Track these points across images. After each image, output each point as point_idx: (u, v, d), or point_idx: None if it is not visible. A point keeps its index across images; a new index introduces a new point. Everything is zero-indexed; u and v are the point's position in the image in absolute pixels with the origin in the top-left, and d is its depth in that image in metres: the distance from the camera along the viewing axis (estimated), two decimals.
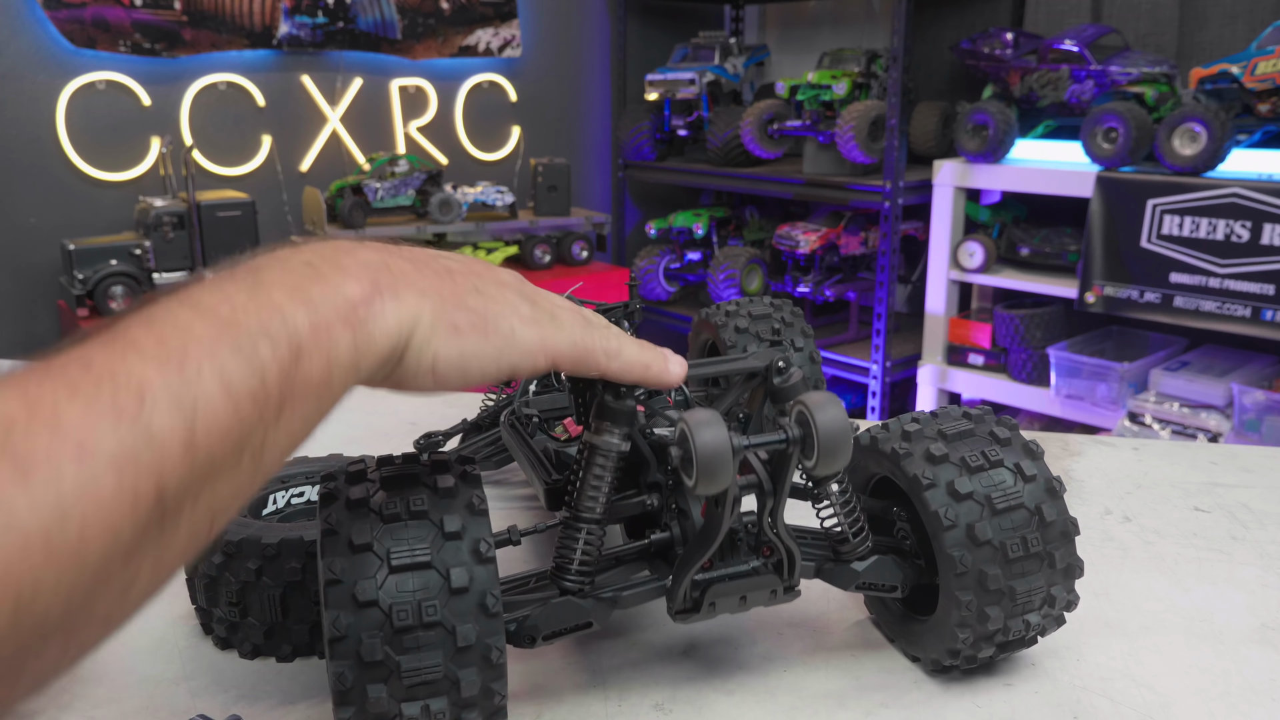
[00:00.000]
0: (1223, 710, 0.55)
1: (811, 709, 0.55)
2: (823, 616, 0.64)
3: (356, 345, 0.37)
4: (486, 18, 3.14)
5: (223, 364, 0.32)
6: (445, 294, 0.41)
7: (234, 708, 0.55)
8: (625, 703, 0.55)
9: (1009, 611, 0.53)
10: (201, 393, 0.31)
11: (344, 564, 0.44)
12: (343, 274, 0.38)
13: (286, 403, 0.34)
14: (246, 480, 0.34)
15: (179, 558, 0.32)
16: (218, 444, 0.32)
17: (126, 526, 0.29)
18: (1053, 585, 0.53)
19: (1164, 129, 2.18)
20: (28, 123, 2.52)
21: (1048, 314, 2.55)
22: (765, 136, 2.91)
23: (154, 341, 0.32)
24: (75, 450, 0.28)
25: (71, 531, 0.27)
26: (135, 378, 0.30)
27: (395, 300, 0.39)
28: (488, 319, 0.42)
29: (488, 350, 0.41)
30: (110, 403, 0.29)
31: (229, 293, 0.35)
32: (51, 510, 0.27)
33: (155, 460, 0.30)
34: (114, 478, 0.28)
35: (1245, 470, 0.90)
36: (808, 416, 0.46)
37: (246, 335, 0.34)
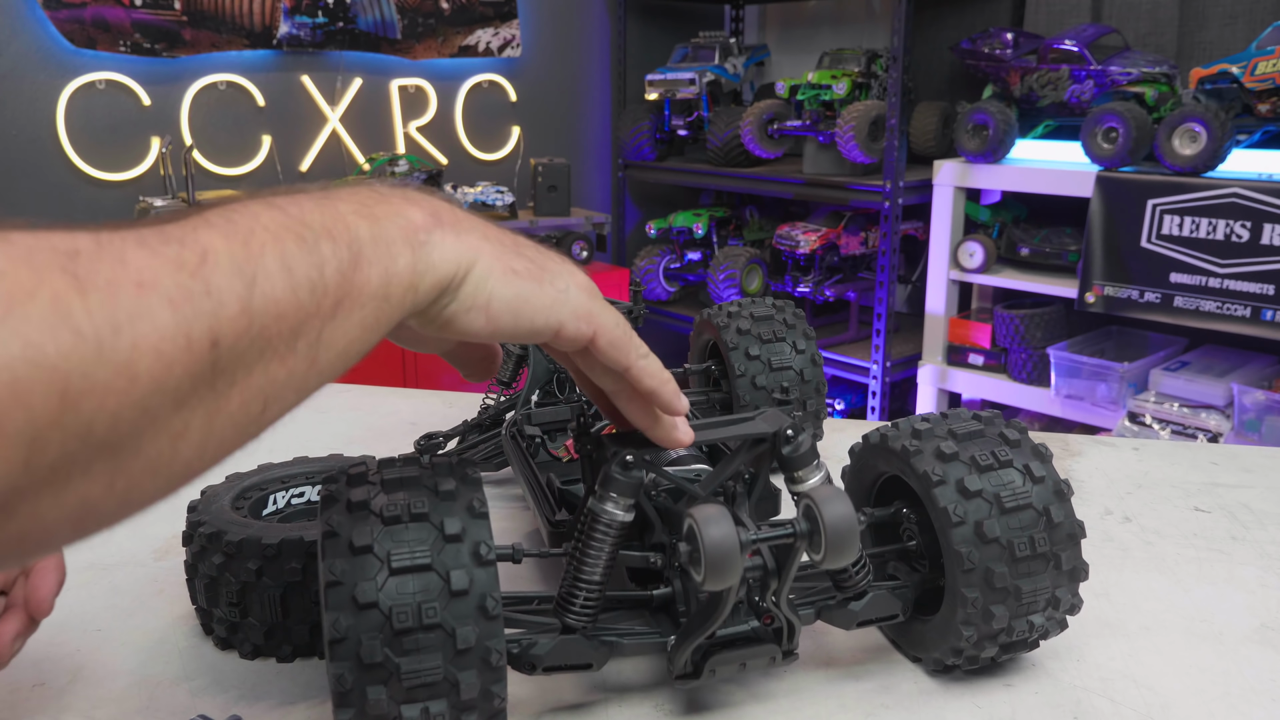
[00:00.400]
0: (1223, 710, 0.55)
1: (812, 709, 0.55)
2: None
3: (415, 265, 0.38)
4: (486, 18, 3.14)
5: (285, 249, 0.34)
6: (505, 242, 0.43)
7: (234, 708, 0.55)
8: (625, 703, 0.55)
9: (1014, 611, 0.53)
10: (262, 268, 0.33)
11: (344, 566, 0.44)
12: (407, 203, 0.40)
13: (344, 302, 0.36)
14: (302, 370, 0.35)
15: (232, 427, 0.33)
16: (274, 319, 0.33)
17: (178, 362, 0.30)
18: (1058, 587, 0.54)
19: (1164, 129, 2.18)
20: (28, 123, 2.52)
21: (1048, 314, 2.55)
22: (765, 136, 2.91)
23: (223, 220, 0.34)
24: (135, 283, 0.29)
25: (123, 347, 0.28)
26: (201, 242, 0.32)
27: (456, 234, 0.40)
28: (545, 270, 0.43)
29: (542, 298, 0.42)
30: (175, 256, 0.31)
31: (299, 199, 0.37)
32: (106, 321, 0.28)
33: (211, 309, 0.31)
34: (169, 311, 0.30)
35: (1245, 470, 0.90)
36: (815, 512, 0.46)
37: (310, 230, 0.35)
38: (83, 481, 0.29)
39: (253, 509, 0.66)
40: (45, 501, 0.28)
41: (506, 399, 0.84)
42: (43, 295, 0.27)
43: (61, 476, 0.28)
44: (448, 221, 0.40)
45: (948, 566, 0.53)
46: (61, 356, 0.27)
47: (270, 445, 1.05)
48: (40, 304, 0.27)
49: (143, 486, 0.31)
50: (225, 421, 0.33)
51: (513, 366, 0.84)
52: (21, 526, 0.28)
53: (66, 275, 0.28)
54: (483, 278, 0.41)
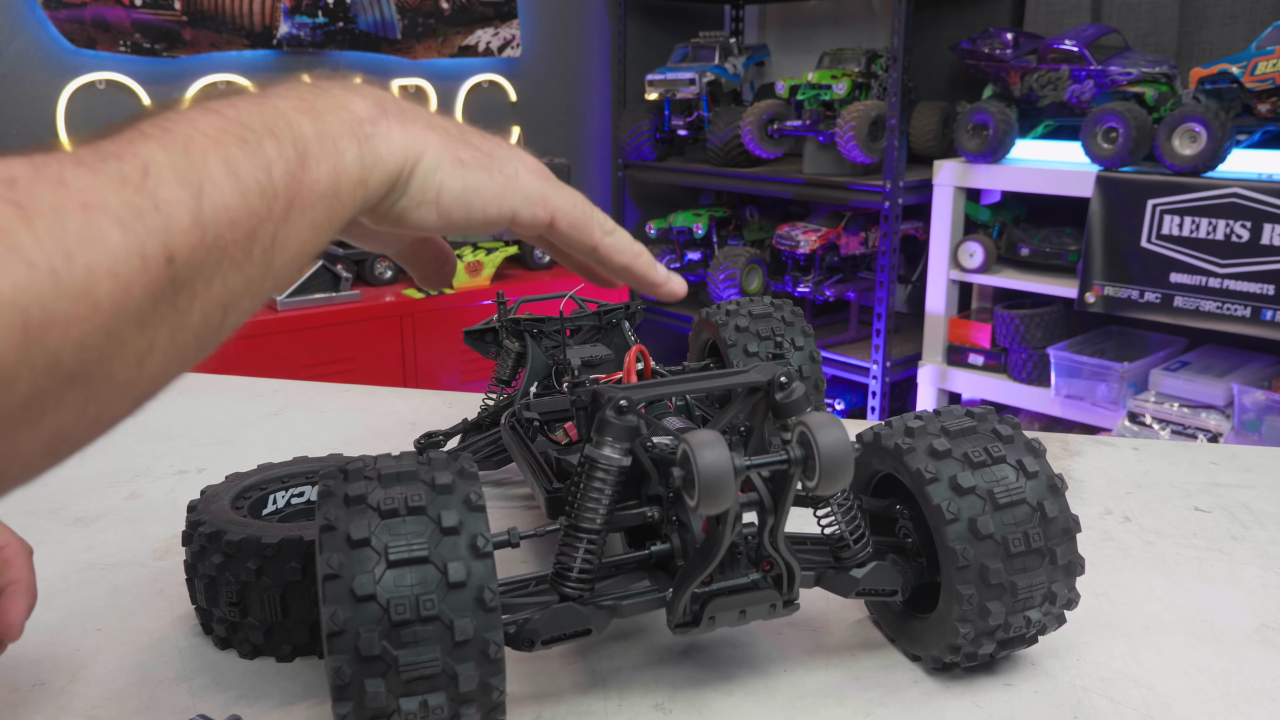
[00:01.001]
0: (1223, 710, 0.55)
1: (811, 708, 0.55)
2: (822, 616, 0.64)
3: (363, 159, 0.38)
4: (486, 18, 3.14)
5: (229, 153, 0.33)
6: (451, 131, 0.41)
7: (234, 708, 0.55)
8: (625, 702, 0.55)
9: (1010, 607, 0.53)
10: (208, 175, 0.32)
11: (342, 559, 0.44)
12: (350, 93, 0.39)
13: (295, 203, 0.35)
14: (259, 276, 0.34)
15: (194, 340, 0.33)
16: (226, 227, 0.32)
17: (136, 283, 0.29)
18: (1054, 582, 0.54)
19: (1164, 129, 2.18)
20: (28, 123, 2.52)
21: (1048, 314, 2.55)
22: (765, 136, 2.91)
23: (160, 130, 0.32)
24: (79, 204, 0.28)
25: (78, 271, 0.27)
26: (141, 156, 0.31)
27: (401, 125, 0.39)
28: (493, 158, 0.42)
29: (491, 187, 0.42)
30: (115, 172, 0.30)
31: (235, 101, 0.36)
32: (57, 248, 0.27)
33: (162, 224, 0.30)
34: (119, 231, 0.29)
35: (1245, 470, 0.90)
36: (810, 438, 0.46)
37: (252, 132, 0.34)
38: (56, 412, 0.28)
39: (252, 509, 0.66)
40: (21, 437, 0.28)
41: (506, 398, 0.84)
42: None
43: (35, 412, 0.28)
44: (392, 111, 0.39)
45: (943, 563, 0.53)
46: (17, 291, 0.26)
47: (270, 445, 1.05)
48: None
49: (113, 408, 0.31)
50: (188, 335, 0.32)
51: (511, 365, 0.84)
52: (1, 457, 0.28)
53: (7, 204, 0.27)
54: (430, 170, 0.40)
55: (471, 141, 0.42)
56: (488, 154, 0.42)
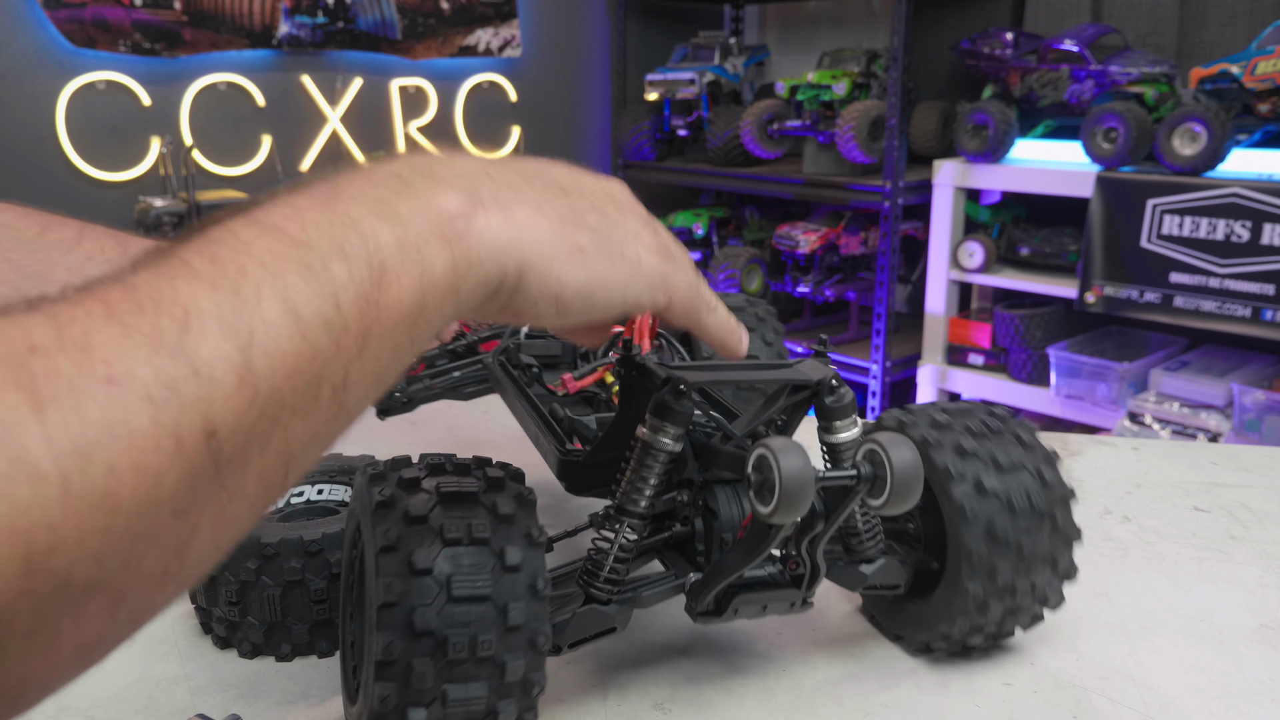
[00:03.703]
0: (1223, 710, 0.55)
1: (811, 708, 0.55)
2: (821, 616, 0.64)
3: (455, 264, 0.32)
4: (486, 18, 3.14)
5: (287, 286, 0.28)
6: (562, 210, 0.36)
7: (234, 707, 0.55)
8: (625, 702, 0.55)
9: (1008, 607, 0.55)
10: (261, 318, 0.27)
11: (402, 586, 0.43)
12: (436, 184, 0.33)
13: (371, 332, 0.30)
14: (328, 420, 0.29)
15: (249, 509, 0.28)
16: (285, 379, 0.27)
17: (170, 472, 0.24)
18: (1049, 586, 0.56)
19: (1164, 129, 2.18)
20: (28, 123, 2.52)
21: (1048, 314, 2.55)
22: (765, 136, 2.91)
23: (207, 261, 0.27)
24: (103, 379, 0.24)
25: (96, 476, 0.23)
26: (181, 301, 0.26)
27: (503, 214, 0.34)
28: (612, 241, 0.37)
29: (616, 277, 0.37)
30: (150, 329, 0.25)
31: (300, 207, 0.30)
32: (70, 449, 0.23)
33: (201, 394, 0.25)
34: (148, 412, 0.24)
35: (1245, 470, 0.90)
36: (883, 457, 0.45)
37: (318, 254, 0.29)
38: (76, 628, 0.24)
39: None
40: (33, 662, 0.24)
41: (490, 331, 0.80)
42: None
43: (47, 636, 0.23)
44: (489, 199, 0.34)
45: (952, 558, 0.54)
46: (17, 513, 0.22)
47: None
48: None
49: (152, 604, 0.27)
50: (241, 506, 0.28)
51: None
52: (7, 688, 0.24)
53: (20, 390, 0.22)
54: (547, 264, 0.35)
55: (587, 221, 0.37)
56: (606, 236, 0.37)
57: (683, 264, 0.42)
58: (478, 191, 0.34)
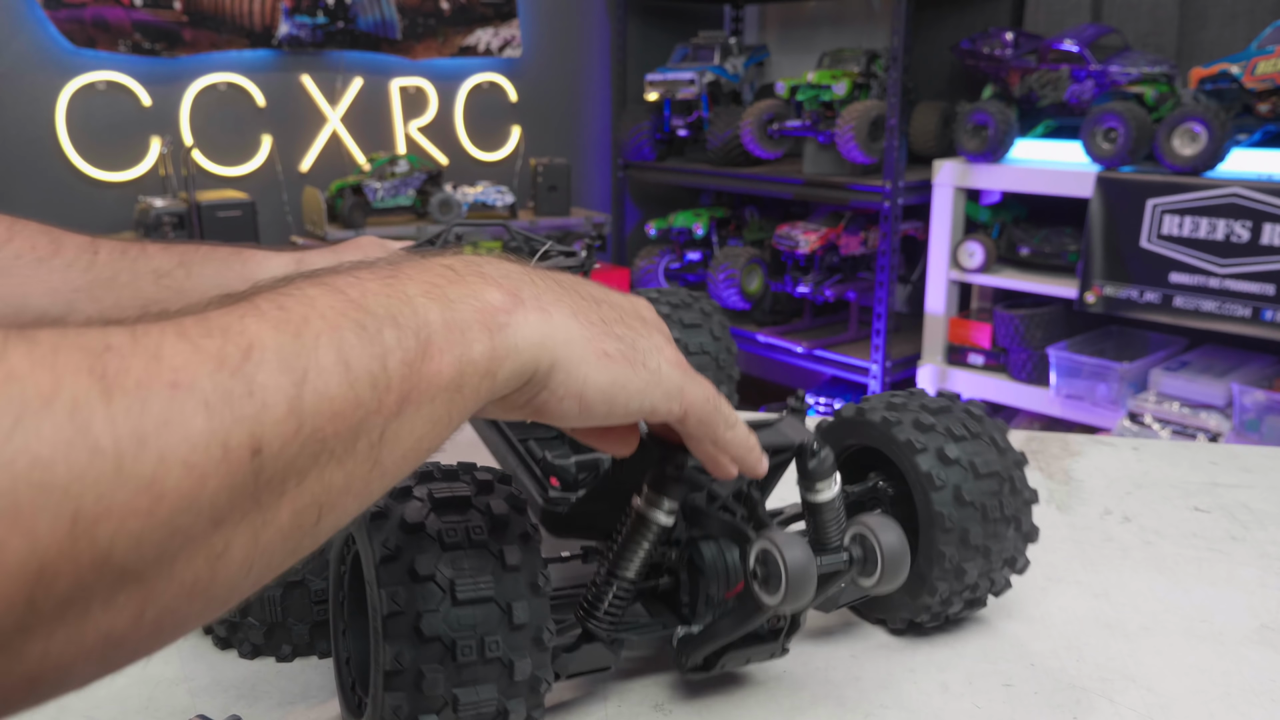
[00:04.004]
0: (1223, 710, 0.55)
1: (811, 709, 0.55)
2: (821, 616, 0.64)
3: (494, 351, 0.35)
4: (486, 18, 3.14)
5: (343, 339, 0.31)
6: (594, 318, 0.39)
7: (234, 707, 0.55)
8: (625, 703, 0.55)
9: (981, 569, 0.59)
10: (315, 362, 0.30)
11: (406, 595, 0.43)
12: (484, 280, 0.37)
13: (410, 396, 0.32)
14: (362, 474, 0.32)
15: (280, 541, 0.30)
16: (328, 420, 0.30)
17: (213, 475, 0.26)
18: (1016, 548, 0.60)
19: (1164, 129, 2.18)
20: (28, 123, 2.52)
21: (1048, 314, 2.55)
22: (765, 136, 2.91)
23: (275, 307, 0.31)
24: (169, 383, 0.26)
25: (148, 461, 0.25)
26: (248, 334, 0.29)
27: (541, 314, 0.37)
28: (637, 350, 0.40)
29: (636, 383, 0.40)
30: (216, 350, 0.28)
31: (363, 278, 0.34)
32: (129, 433, 0.25)
33: (253, 413, 0.28)
34: (204, 417, 0.26)
35: (1245, 470, 0.90)
36: (872, 542, 0.48)
37: (372, 317, 0.32)
38: (104, 614, 0.25)
39: None
40: (58, 639, 0.25)
41: None
42: (60, 403, 0.24)
43: (77, 611, 0.25)
44: (529, 299, 0.37)
45: (924, 529, 0.57)
46: (74, 477, 0.24)
47: None
48: (56, 414, 0.24)
49: (179, 614, 0.28)
50: (274, 535, 0.29)
51: None
52: (30, 668, 0.25)
53: (92, 376, 0.25)
54: (576, 364, 0.38)
55: (615, 331, 0.40)
56: (631, 345, 0.40)
57: (700, 380, 0.44)
58: (520, 292, 0.37)
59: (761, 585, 0.47)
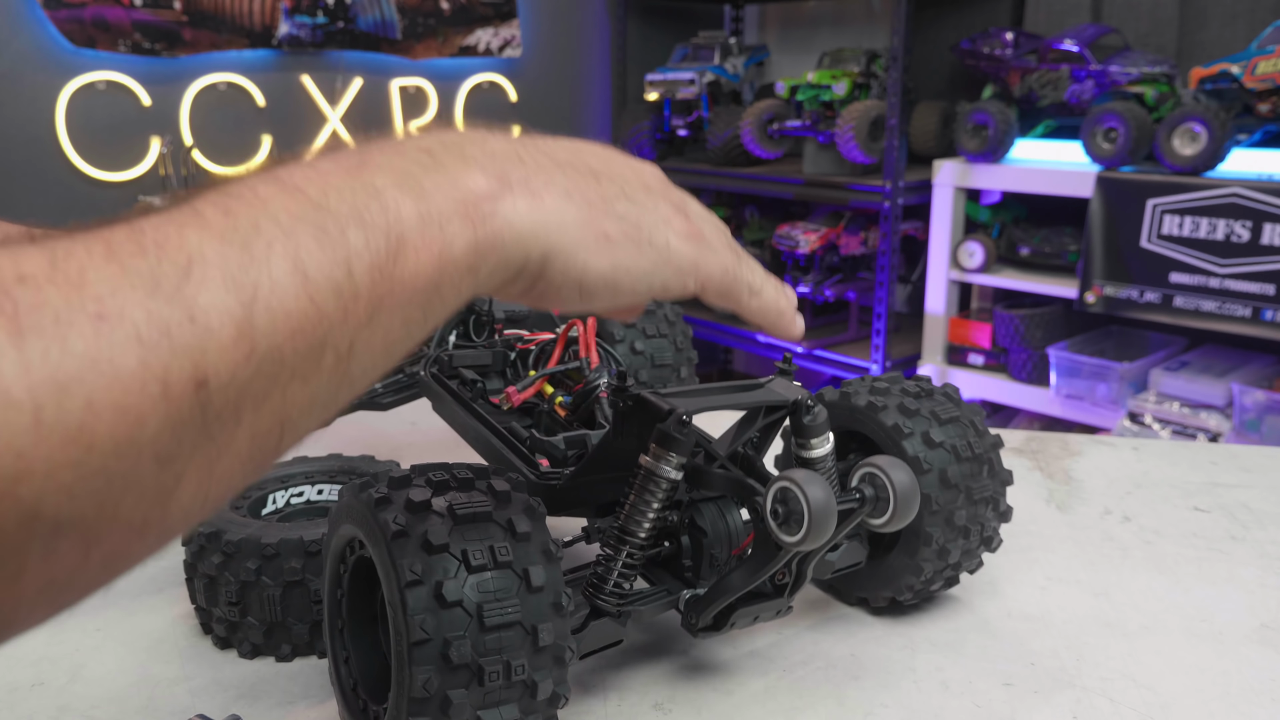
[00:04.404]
0: (1223, 710, 0.55)
1: (811, 708, 0.55)
2: (821, 616, 0.64)
3: (477, 245, 0.32)
4: (486, 18, 3.14)
5: (299, 246, 0.28)
6: (592, 196, 0.36)
7: (234, 707, 0.55)
8: (625, 702, 0.55)
9: (963, 549, 0.61)
10: (267, 275, 0.27)
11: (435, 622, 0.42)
12: (465, 163, 0.33)
13: (383, 303, 0.29)
14: (329, 386, 0.29)
15: (239, 467, 0.27)
16: (286, 338, 0.27)
17: (153, 416, 0.24)
18: (992, 527, 0.62)
19: (1164, 129, 2.18)
20: (28, 123, 2.52)
21: (1048, 314, 2.55)
22: (765, 136, 2.91)
23: (220, 213, 0.27)
24: (93, 315, 0.23)
25: (73, 409, 0.23)
26: (187, 249, 0.26)
27: (531, 198, 0.34)
28: (641, 228, 0.37)
29: (642, 264, 0.37)
30: (149, 271, 0.25)
31: (324, 171, 0.30)
32: (47, 380, 0.22)
33: (195, 342, 0.25)
34: (136, 352, 0.24)
35: (1245, 470, 0.90)
36: (884, 480, 0.48)
37: (334, 219, 0.29)
38: (43, 564, 0.23)
39: (252, 508, 0.66)
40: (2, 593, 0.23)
41: None
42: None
43: (11, 566, 0.23)
44: (518, 182, 0.33)
45: None
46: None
47: None
48: None
49: (129, 550, 0.26)
50: (231, 463, 0.27)
51: None
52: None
53: (2, 316, 0.22)
54: (573, 252, 0.34)
55: (616, 208, 0.36)
56: (634, 223, 0.37)
57: (717, 248, 0.40)
58: (507, 174, 0.33)
59: (782, 525, 0.46)
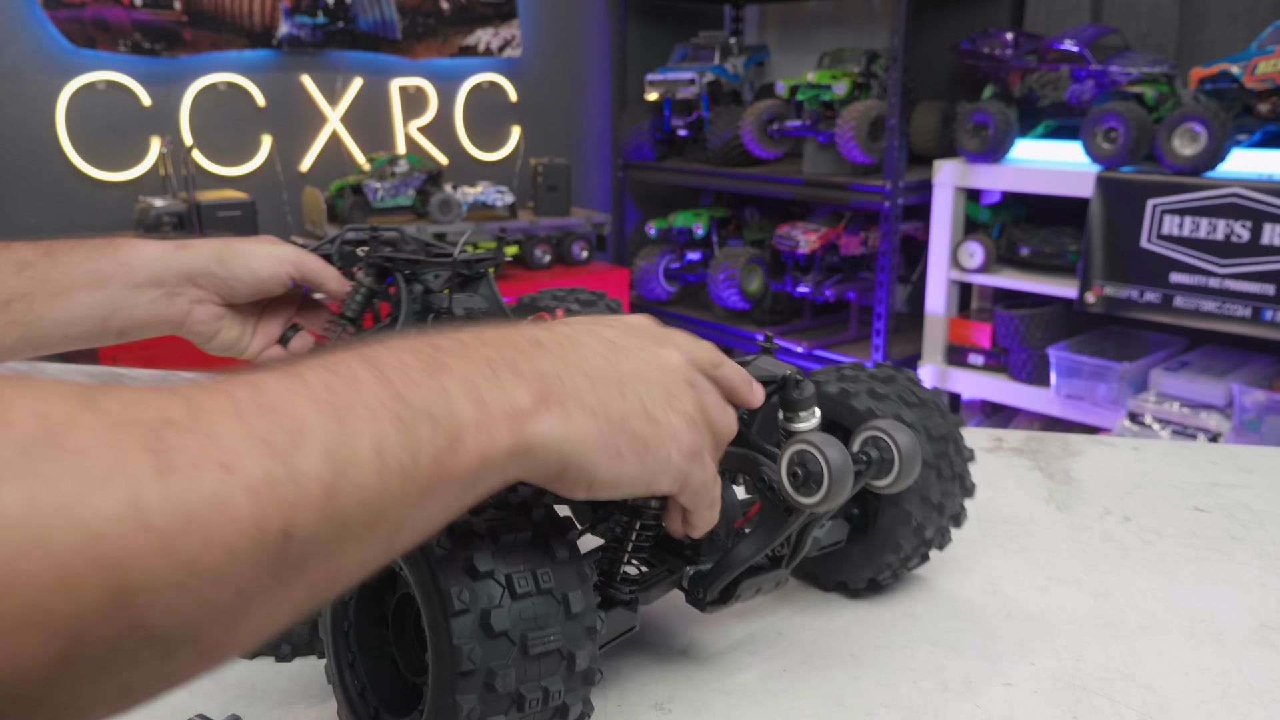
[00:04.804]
0: (1223, 710, 0.55)
1: (811, 709, 0.55)
2: (821, 616, 0.64)
3: (513, 450, 0.38)
4: (486, 18, 3.14)
5: (382, 431, 0.33)
6: (613, 416, 0.41)
7: (234, 707, 0.55)
8: (625, 702, 0.55)
9: (938, 526, 0.63)
10: (354, 453, 0.32)
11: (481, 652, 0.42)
12: (516, 379, 0.39)
13: (433, 489, 0.35)
14: (375, 555, 0.34)
15: (292, 610, 0.32)
16: (356, 508, 0.32)
17: (246, 555, 0.28)
18: (960, 504, 0.64)
19: (1164, 129, 2.18)
20: (28, 123, 2.52)
21: (1048, 314, 2.55)
22: (765, 136, 2.91)
23: (324, 388, 0.33)
24: (220, 464, 0.28)
25: (193, 541, 0.27)
26: (298, 417, 0.31)
27: (563, 417, 0.39)
28: (649, 447, 0.42)
29: (642, 474, 0.43)
30: (266, 432, 0.30)
31: (407, 364, 0.36)
32: (179, 513, 0.26)
33: (293, 499, 0.29)
34: (249, 503, 0.28)
35: (1245, 470, 0.90)
36: (888, 442, 0.50)
37: (411, 411, 0.34)
38: (127, 671, 0.27)
39: None
40: (83, 691, 0.26)
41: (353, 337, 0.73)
42: (119, 481, 0.26)
43: (106, 669, 0.26)
44: (555, 401, 0.39)
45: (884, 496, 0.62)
46: (125, 552, 0.25)
47: None
48: (114, 492, 0.25)
49: (191, 667, 0.29)
50: (287, 606, 0.31)
51: (361, 300, 0.72)
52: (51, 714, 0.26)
53: (150, 454, 0.27)
54: (586, 463, 0.40)
55: (631, 427, 0.42)
56: (645, 442, 0.42)
57: (708, 464, 0.46)
58: (548, 394, 0.39)
59: (800, 488, 0.48)
